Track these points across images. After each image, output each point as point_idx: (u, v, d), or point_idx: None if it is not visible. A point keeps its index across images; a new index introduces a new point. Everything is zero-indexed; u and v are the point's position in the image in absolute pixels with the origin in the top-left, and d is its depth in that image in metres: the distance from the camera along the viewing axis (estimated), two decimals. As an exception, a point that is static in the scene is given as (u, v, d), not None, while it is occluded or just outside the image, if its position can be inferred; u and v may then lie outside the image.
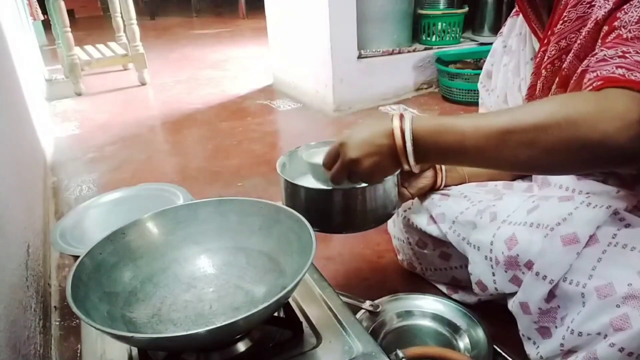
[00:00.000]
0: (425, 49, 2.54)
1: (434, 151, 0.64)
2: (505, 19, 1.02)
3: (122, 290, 0.68)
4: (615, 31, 0.65)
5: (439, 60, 2.45)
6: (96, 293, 0.64)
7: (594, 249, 0.69)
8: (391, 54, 2.45)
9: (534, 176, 0.92)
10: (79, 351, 0.98)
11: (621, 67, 0.60)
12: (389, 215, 0.91)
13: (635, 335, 0.61)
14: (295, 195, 0.87)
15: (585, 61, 0.69)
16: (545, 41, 0.81)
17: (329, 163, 0.74)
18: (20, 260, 0.97)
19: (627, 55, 0.61)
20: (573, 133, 0.55)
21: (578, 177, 0.81)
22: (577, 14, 0.74)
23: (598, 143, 0.55)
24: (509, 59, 0.97)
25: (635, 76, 0.58)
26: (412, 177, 0.97)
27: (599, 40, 0.69)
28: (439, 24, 2.52)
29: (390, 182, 0.86)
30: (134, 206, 1.08)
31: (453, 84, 2.35)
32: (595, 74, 0.62)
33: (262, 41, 3.57)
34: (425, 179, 0.98)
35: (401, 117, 0.66)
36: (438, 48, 2.52)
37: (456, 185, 0.99)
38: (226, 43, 4.26)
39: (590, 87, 0.61)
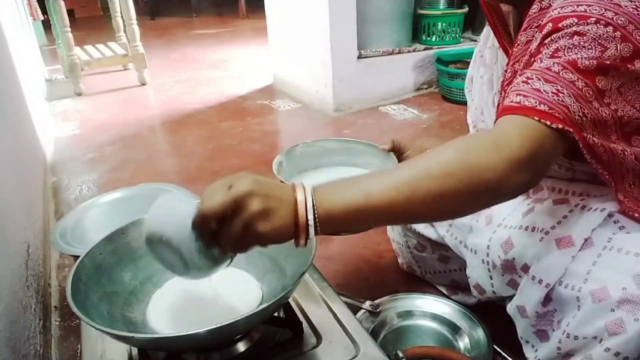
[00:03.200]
0: (425, 49, 2.54)
1: (337, 219, 0.55)
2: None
3: (122, 290, 0.68)
4: (534, 64, 0.66)
5: (439, 60, 2.45)
6: (96, 293, 0.64)
7: (589, 252, 0.69)
8: (391, 54, 2.45)
9: None
10: (79, 351, 0.98)
11: (520, 94, 0.61)
12: None
13: (630, 339, 0.61)
14: None
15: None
16: (507, 62, 0.80)
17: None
18: (20, 260, 0.97)
19: (529, 81, 0.62)
20: (475, 180, 0.56)
21: (571, 179, 0.81)
22: (527, 37, 0.73)
23: (498, 185, 0.56)
24: (484, 70, 0.95)
25: (530, 102, 0.60)
26: None
27: None
28: (439, 24, 2.52)
29: None
30: (134, 206, 1.08)
31: (453, 83, 2.35)
32: (503, 104, 0.64)
33: (262, 41, 3.57)
34: None
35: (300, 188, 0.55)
36: (438, 48, 2.52)
37: None
38: (226, 43, 4.26)
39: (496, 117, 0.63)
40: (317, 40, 2.32)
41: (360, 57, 2.37)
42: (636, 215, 0.70)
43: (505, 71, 0.79)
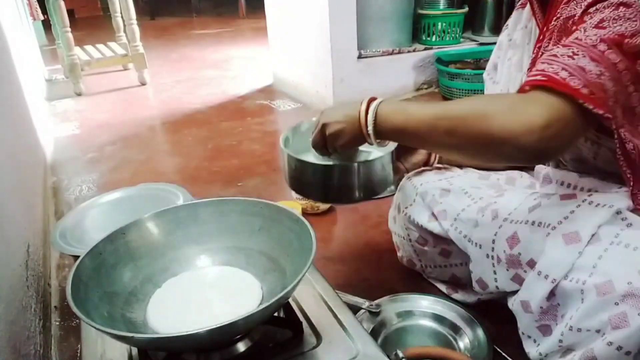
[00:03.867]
0: (425, 49, 2.54)
1: (388, 131, 0.73)
2: (505, 19, 1.01)
3: (122, 290, 0.68)
4: (577, 32, 0.67)
5: (439, 60, 2.45)
6: (96, 293, 0.64)
7: (595, 247, 0.69)
8: (391, 54, 2.45)
9: (535, 173, 0.92)
10: (79, 351, 0.98)
11: (566, 69, 0.63)
12: (384, 190, 0.92)
13: (633, 333, 0.61)
14: (296, 169, 0.89)
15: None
16: (541, 37, 0.80)
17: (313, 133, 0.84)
18: (20, 260, 0.97)
19: (575, 57, 0.64)
20: (484, 128, 0.63)
21: (580, 175, 0.81)
22: (569, 12, 0.73)
23: (502, 140, 0.62)
24: (513, 52, 0.96)
25: (574, 82, 0.61)
26: (407, 153, 1.01)
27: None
28: (439, 24, 2.52)
29: (385, 159, 0.88)
30: (134, 206, 1.08)
31: (453, 84, 2.35)
32: (536, 69, 0.66)
33: (262, 41, 3.57)
34: (420, 155, 1.02)
35: (371, 101, 0.75)
36: (438, 48, 2.52)
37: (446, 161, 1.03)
38: (226, 43, 4.26)
39: (530, 80, 0.66)
40: (317, 41, 2.32)
41: (360, 57, 2.36)
42: None
43: (539, 47, 0.80)
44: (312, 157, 0.89)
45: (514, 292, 0.80)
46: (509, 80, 0.96)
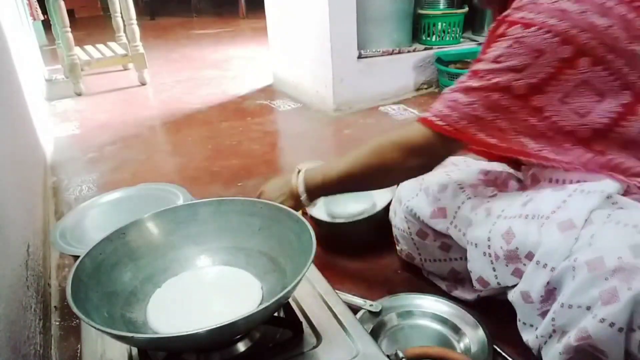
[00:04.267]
0: (425, 49, 2.54)
1: (315, 193, 0.98)
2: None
3: (122, 290, 0.68)
4: (479, 63, 0.78)
5: (439, 60, 2.45)
6: (96, 293, 0.64)
7: (588, 230, 0.70)
8: (391, 54, 2.45)
9: (522, 174, 0.93)
10: (79, 351, 0.98)
11: (465, 119, 0.79)
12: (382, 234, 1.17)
13: (623, 308, 0.61)
14: (320, 227, 1.26)
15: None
16: None
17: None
18: (20, 260, 0.97)
19: (472, 105, 0.78)
20: (380, 169, 0.90)
21: (566, 169, 0.81)
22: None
23: (394, 169, 0.89)
24: None
25: (473, 130, 0.78)
26: None
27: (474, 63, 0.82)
28: (439, 24, 2.52)
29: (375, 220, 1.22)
30: (134, 206, 1.08)
31: (453, 83, 2.35)
32: (439, 110, 0.82)
33: (262, 41, 3.57)
34: None
35: (298, 173, 0.99)
36: (438, 48, 2.52)
37: None
38: (226, 43, 4.26)
39: (432, 121, 0.83)
40: (317, 40, 2.32)
41: (360, 57, 2.37)
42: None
43: None
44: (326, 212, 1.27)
45: (514, 286, 0.80)
46: None
